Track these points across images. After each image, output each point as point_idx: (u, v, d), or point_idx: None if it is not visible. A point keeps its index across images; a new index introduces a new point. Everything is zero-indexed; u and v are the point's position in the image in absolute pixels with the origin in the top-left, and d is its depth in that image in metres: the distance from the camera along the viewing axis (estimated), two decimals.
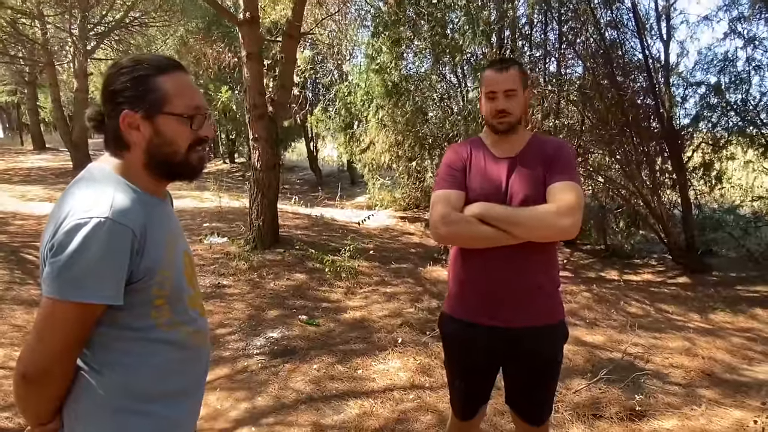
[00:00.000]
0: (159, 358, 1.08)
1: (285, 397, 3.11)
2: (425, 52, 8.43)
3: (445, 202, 1.67)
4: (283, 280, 5.22)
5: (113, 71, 1.07)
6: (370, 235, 7.37)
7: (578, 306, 4.82)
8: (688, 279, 6.21)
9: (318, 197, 11.15)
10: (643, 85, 6.55)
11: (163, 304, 1.07)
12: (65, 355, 1.00)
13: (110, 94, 1.06)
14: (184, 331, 1.12)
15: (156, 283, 1.05)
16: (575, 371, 3.43)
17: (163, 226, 1.09)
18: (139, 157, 1.09)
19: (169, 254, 1.08)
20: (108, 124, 1.08)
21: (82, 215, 0.96)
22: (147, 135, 1.07)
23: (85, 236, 0.95)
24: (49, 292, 0.96)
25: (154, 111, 1.06)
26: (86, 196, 1.01)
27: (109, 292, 0.98)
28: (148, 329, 1.06)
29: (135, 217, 1.00)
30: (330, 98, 12.18)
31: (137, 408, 1.05)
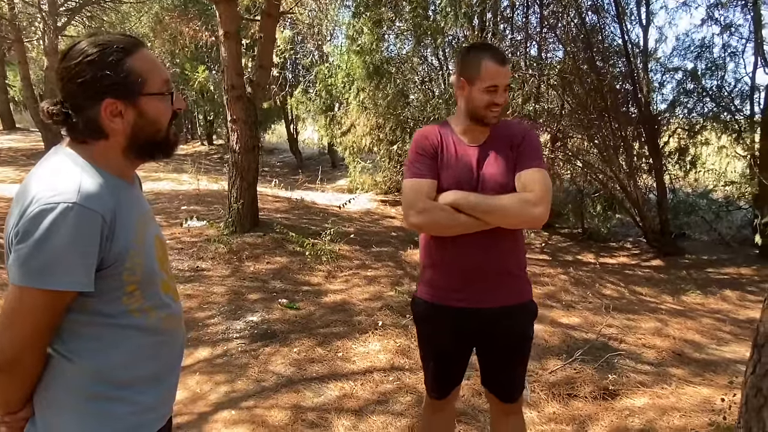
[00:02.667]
0: (131, 343, 1.07)
1: (265, 380, 3.12)
2: (407, 33, 8.37)
3: (418, 191, 1.66)
4: (263, 264, 5.19)
5: (77, 60, 1.01)
6: (351, 218, 7.36)
7: (556, 288, 4.91)
8: (661, 262, 6.37)
9: (298, 180, 11.06)
10: (622, 70, 6.62)
11: (135, 290, 1.06)
12: (35, 342, 0.98)
13: (81, 86, 1.01)
14: (156, 315, 1.11)
15: (127, 269, 1.03)
16: (551, 352, 3.50)
17: (133, 211, 1.07)
18: (117, 143, 1.06)
19: (139, 239, 1.06)
20: (79, 116, 1.03)
21: (48, 200, 0.93)
22: (131, 120, 1.04)
23: (51, 222, 0.92)
24: (16, 280, 0.94)
25: (135, 94, 1.03)
26: (52, 180, 0.97)
27: (78, 278, 0.96)
28: (119, 315, 1.05)
29: (104, 201, 0.98)
30: (310, 80, 12.02)
31: (109, 394, 1.04)
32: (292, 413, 2.79)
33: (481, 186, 1.67)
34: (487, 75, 1.65)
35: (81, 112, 1.02)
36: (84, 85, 1.01)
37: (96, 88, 1.01)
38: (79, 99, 1.02)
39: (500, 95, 1.66)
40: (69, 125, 1.04)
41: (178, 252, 5.38)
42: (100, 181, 1.00)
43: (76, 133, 1.05)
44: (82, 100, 1.02)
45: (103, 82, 1.01)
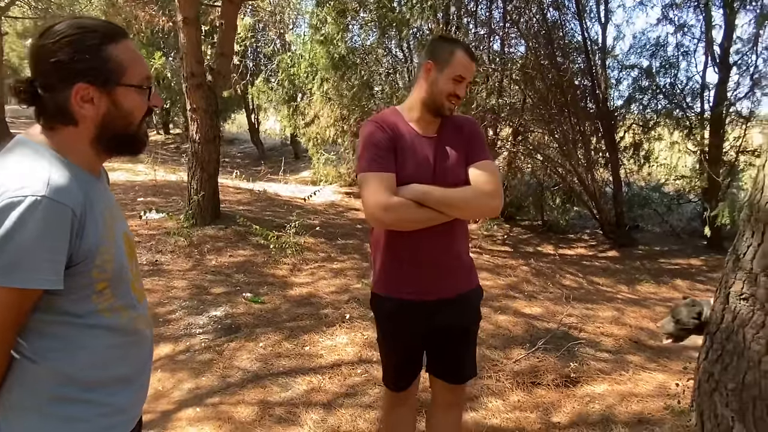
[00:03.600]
0: (100, 343, 1.02)
1: (230, 376, 3.06)
2: (371, 24, 8.31)
3: (381, 186, 1.60)
4: (225, 257, 5.08)
5: (55, 39, 0.95)
6: (315, 210, 7.30)
7: (518, 279, 5.02)
8: (616, 253, 6.61)
9: (260, 172, 10.86)
10: (582, 66, 6.79)
11: (105, 288, 1.01)
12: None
13: (55, 66, 0.95)
14: (126, 315, 1.06)
15: (96, 266, 0.98)
16: (515, 341, 3.58)
17: (102, 206, 1.01)
18: (86, 132, 1.00)
19: (109, 235, 1.01)
20: (48, 98, 0.97)
21: (14, 193, 0.87)
22: (102, 109, 0.99)
23: (19, 216, 0.86)
24: None
25: (111, 83, 0.98)
26: (17, 172, 0.91)
27: (46, 276, 0.90)
28: (88, 315, 1.00)
29: (73, 195, 0.93)
30: (272, 69, 11.79)
31: (76, 396, 0.99)
32: (260, 409, 2.75)
33: (439, 179, 1.67)
34: (458, 64, 1.67)
35: (51, 94, 0.96)
36: (58, 65, 0.95)
37: (70, 69, 0.95)
38: (51, 79, 0.96)
39: (462, 88, 1.69)
40: (38, 106, 0.98)
41: (136, 245, 5.20)
42: (69, 173, 0.95)
43: (44, 116, 0.99)
44: (54, 80, 0.96)
45: (78, 65, 0.95)
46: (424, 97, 1.70)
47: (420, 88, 1.71)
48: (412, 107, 1.74)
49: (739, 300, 2.37)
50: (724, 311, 2.44)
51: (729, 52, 5.98)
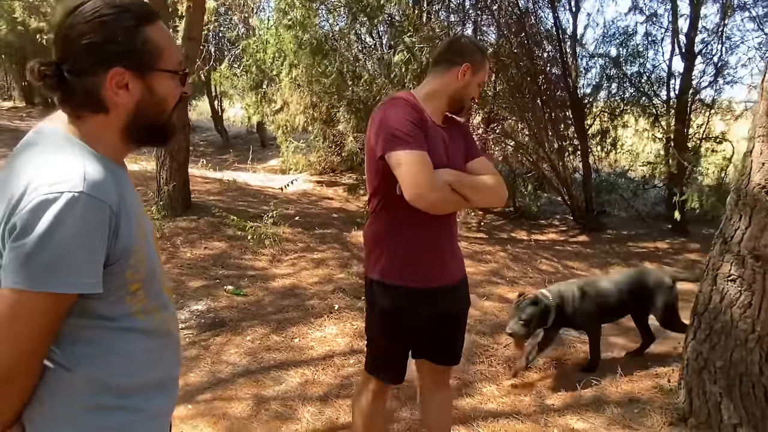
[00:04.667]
0: (135, 348, 0.94)
1: (220, 372, 2.97)
2: (340, 9, 8.15)
3: (426, 166, 1.57)
4: (200, 249, 4.93)
5: (87, 19, 0.85)
6: (289, 200, 7.16)
7: (498, 265, 5.08)
8: (587, 237, 6.79)
9: (227, 160, 10.58)
10: (552, 54, 6.89)
11: (139, 289, 0.93)
12: (33, 354, 0.84)
13: (87, 48, 0.86)
14: (159, 317, 0.99)
15: (131, 266, 0.90)
16: (503, 327, 3.61)
17: (132, 201, 0.94)
18: (116, 121, 0.91)
19: (140, 233, 0.93)
20: (76, 83, 0.87)
21: (49, 189, 0.79)
22: (137, 95, 0.91)
23: (56, 214, 0.78)
24: (15, 283, 0.79)
25: (148, 67, 0.90)
26: (49, 166, 0.82)
27: (86, 278, 0.82)
28: (122, 318, 0.92)
29: (110, 191, 0.85)
30: (236, 54, 11.43)
31: (113, 403, 0.92)
32: (254, 404, 2.69)
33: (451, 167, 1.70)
34: (485, 72, 1.81)
35: (81, 78, 0.87)
36: (91, 48, 0.86)
37: (105, 53, 0.87)
38: (82, 63, 0.87)
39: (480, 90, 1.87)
40: (63, 92, 0.89)
41: None
42: (102, 166, 0.86)
43: (71, 103, 0.90)
44: (85, 64, 0.87)
45: (114, 48, 0.87)
46: (453, 95, 1.75)
47: (449, 84, 1.74)
48: (434, 97, 1.75)
49: (726, 281, 2.46)
50: (712, 292, 2.53)
51: (694, 42, 6.19)
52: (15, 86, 23.34)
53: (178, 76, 0.95)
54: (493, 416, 2.64)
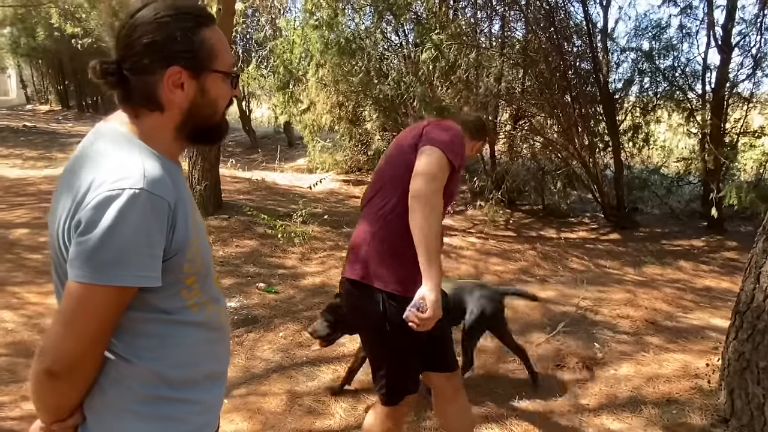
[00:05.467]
0: (190, 340, 0.97)
1: (254, 367, 3.03)
2: (365, 9, 8.17)
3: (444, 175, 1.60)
4: (232, 248, 5.02)
5: (148, 20, 0.90)
6: (316, 199, 7.23)
7: (528, 264, 5.03)
8: (618, 235, 6.65)
9: (256, 160, 10.73)
10: (583, 49, 6.76)
11: (194, 283, 0.96)
12: (97, 345, 0.88)
13: (148, 47, 0.90)
14: (212, 309, 1.02)
15: (187, 260, 0.93)
16: (534, 326, 3.59)
17: (186, 196, 0.97)
18: (170, 119, 0.95)
19: (195, 227, 0.96)
20: (136, 81, 0.91)
21: (112, 186, 0.82)
22: (191, 94, 0.94)
23: (119, 211, 0.81)
24: (81, 276, 0.82)
25: (202, 68, 0.94)
26: (111, 164, 0.86)
27: (147, 272, 0.86)
28: (177, 311, 0.95)
29: (168, 187, 0.88)
30: (264, 55, 11.57)
31: (171, 395, 0.95)
32: (288, 399, 2.73)
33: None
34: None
35: (140, 76, 0.91)
36: (152, 47, 0.90)
37: (164, 52, 0.90)
38: (142, 61, 0.90)
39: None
40: (123, 89, 0.93)
41: None
42: (160, 164, 0.90)
43: (129, 101, 0.94)
44: (146, 62, 0.90)
45: (173, 47, 0.90)
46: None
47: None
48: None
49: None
50: (755, 291, 2.46)
51: (731, 34, 5.99)
52: (51, 90, 24.14)
53: (230, 78, 0.98)
54: (525, 415, 2.62)
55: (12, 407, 2.50)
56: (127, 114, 0.95)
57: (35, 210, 5.91)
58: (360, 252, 1.71)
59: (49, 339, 0.86)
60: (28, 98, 25.89)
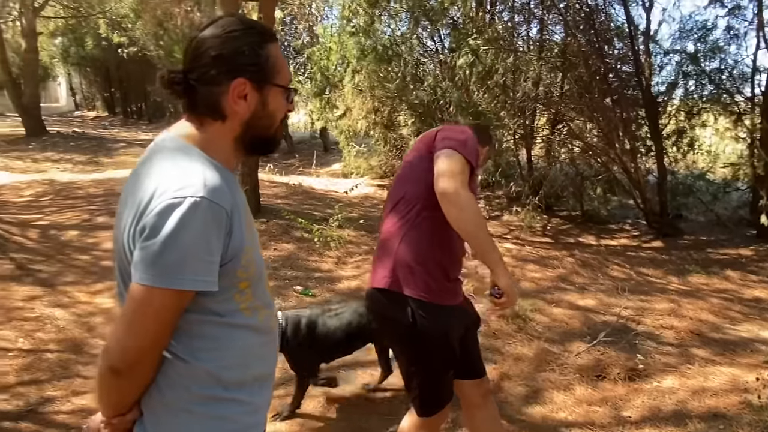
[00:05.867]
0: (242, 343, 1.01)
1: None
2: (402, 15, 8.22)
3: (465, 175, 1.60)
4: (270, 251, 5.11)
5: (218, 33, 0.96)
6: (351, 203, 7.29)
7: (566, 271, 4.94)
8: (661, 243, 6.45)
9: (293, 165, 10.91)
10: (624, 51, 6.61)
11: (247, 287, 1.00)
12: (157, 345, 0.92)
13: (217, 59, 0.95)
14: (263, 314, 1.05)
15: (242, 265, 0.97)
16: (574, 335, 3.53)
17: (241, 203, 1.01)
18: (231, 129, 0.99)
19: (249, 233, 1.00)
20: (203, 90, 0.96)
21: (174, 194, 0.87)
22: (252, 106, 0.99)
23: (181, 217, 0.86)
24: (144, 279, 0.87)
25: (265, 81, 0.99)
26: (173, 172, 0.91)
27: (206, 277, 0.90)
28: (231, 314, 0.99)
29: (226, 196, 0.92)
30: (301, 62, 11.78)
31: (223, 395, 0.99)
32: (325, 402, 2.76)
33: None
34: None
35: (208, 87, 0.96)
36: (220, 59, 0.95)
37: (232, 64, 0.95)
38: (210, 72, 0.95)
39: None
40: (189, 99, 0.98)
41: None
42: (218, 173, 0.94)
43: (194, 109, 0.98)
44: (214, 73, 0.95)
45: (240, 60, 0.96)
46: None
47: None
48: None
49: None
50: None
51: None
52: (98, 97, 25.20)
53: (287, 92, 1.03)
54: (565, 426, 2.57)
55: (63, 401, 2.62)
56: (191, 122, 0.99)
57: (84, 212, 6.18)
58: (386, 260, 1.70)
59: (113, 338, 0.91)
60: (76, 105, 27.11)
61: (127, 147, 13.21)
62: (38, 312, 3.57)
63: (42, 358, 2.96)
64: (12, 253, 4.73)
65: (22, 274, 4.25)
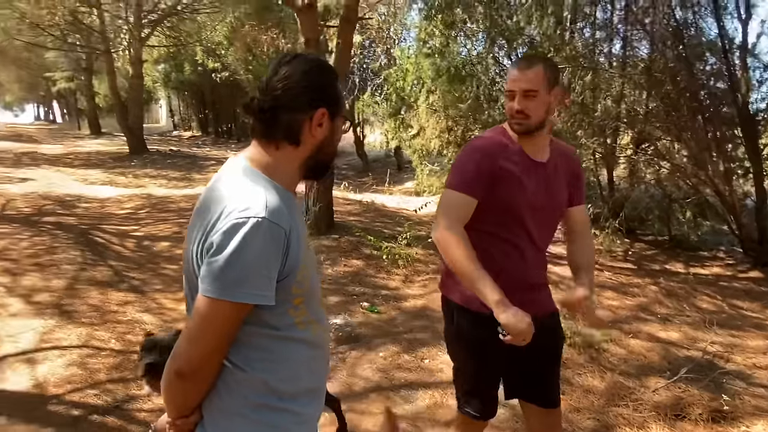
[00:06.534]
0: (295, 356, 1.08)
1: (354, 384, 3.13)
2: (478, 35, 8.22)
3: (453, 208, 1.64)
4: (340, 266, 5.24)
5: (307, 68, 1.07)
6: (421, 222, 7.31)
7: (647, 300, 4.64)
8: (760, 273, 5.88)
9: (366, 183, 11.16)
10: (716, 67, 6.17)
11: (301, 303, 1.07)
12: (218, 352, 1.01)
13: (305, 90, 1.05)
14: (317, 329, 1.12)
15: (296, 282, 1.04)
16: (652, 369, 3.30)
17: (300, 224, 1.09)
18: (301, 154, 1.09)
19: (306, 252, 1.07)
20: (286, 117, 1.06)
21: (239, 215, 0.96)
22: (324, 133, 1.09)
23: (244, 236, 0.94)
24: (209, 291, 0.96)
25: (337, 112, 1.10)
26: (239, 195, 1.00)
27: (264, 292, 0.98)
28: (286, 328, 1.06)
29: (285, 217, 1.00)
30: (378, 83, 12.10)
31: (277, 405, 1.06)
32: (385, 420, 2.77)
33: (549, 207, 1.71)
34: (508, 81, 1.68)
35: (290, 114, 1.05)
36: (309, 90, 1.05)
37: (318, 94, 1.06)
38: (298, 100, 1.05)
39: (518, 101, 1.62)
40: (270, 124, 1.07)
41: None
42: (278, 195, 1.03)
43: (271, 134, 1.07)
44: (300, 102, 1.05)
45: (326, 91, 1.07)
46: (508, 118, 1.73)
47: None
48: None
49: None
50: None
51: None
52: (194, 118, 27.24)
53: (345, 122, 1.15)
54: None
55: (145, 400, 2.83)
56: (262, 147, 1.08)
57: (175, 225, 6.69)
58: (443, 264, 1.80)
59: (180, 345, 1.00)
60: (174, 125, 29.47)
61: (216, 165, 14.14)
62: (129, 316, 3.90)
63: (130, 358, 3.22)
64: (111, 260, 5.22)
65: (118, 281, 4.66)
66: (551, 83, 1.62)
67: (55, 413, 2.67)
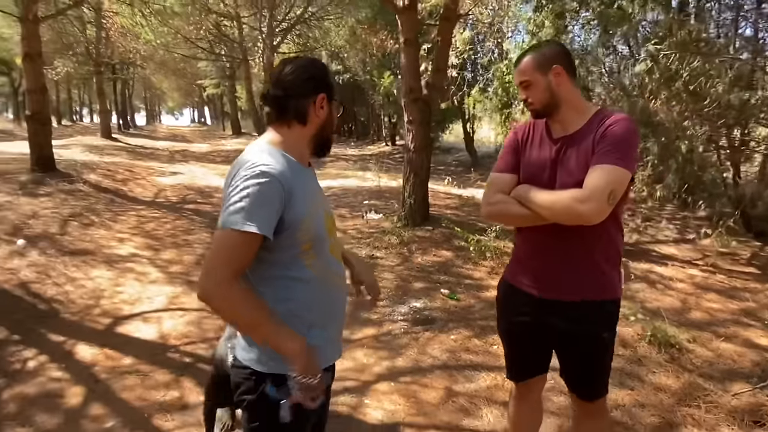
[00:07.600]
0: (306, 290, 1.38)
1: (422, 361, 3.36)
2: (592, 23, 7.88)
3: (493, 185, 1.85)
4: (429, 256, 5.48)
5: (304, 64, 1.42)
6: None
7: (757, 306, 4.22)
8: None
9: (470, 179, 11.20)
10: None
11: (309, 249, 1.37)
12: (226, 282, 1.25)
13: (309, 80, 1.41)
14: (326, 271, 1.41)
15: (301, 230, 1.34)
16: (738, 374, 3.08)
17: (307, 187, 1.38)
18: (309, 131, 1.43)
19: (311, 209, 1.37)
20: (294, 102, 1.40)
21: (246, 168, 1.29)
22: (324, 115, 1.44)
23: (246, 181, 1.27)
24: (218, 226, 1.29)
25: (333, 97, 1.45)
26: (250, 157, 1.34)
27: (263, 225, 1.26)
28: (298, 268, 1.36)
29: (281, 173, 1.30)
30: (488, 78, 12.04)
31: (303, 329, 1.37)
32: (444, 394, 2.97)
33: (558, 181, 1.72)
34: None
35: (298, 99, 1.40)
36: (311, 80, 1.41)
37: (318, 83, 1.42)
38: (303, 89, 1.41)
39: (521, 93, 1.80)
40: (283, 109, 1.41)
41: (357, 241, 5.99)
42: (282, 160, 1.35)
43: (285, 115, 1.42)
44: (305, 90, 1.41)
45: (324, 80, 1.43)
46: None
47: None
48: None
49: None
50: None
51: None
52: None
53: (339, 106, 1.50)
54: None
55: None
56: (278, 128, 1.42)
57: None
58: None
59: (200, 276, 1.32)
60: None
61: (334, 161, 15.11)
62: None
63: None
64: None
65: None
66: (543, 66, 1.72)
67: (172, 359, 3.29)
